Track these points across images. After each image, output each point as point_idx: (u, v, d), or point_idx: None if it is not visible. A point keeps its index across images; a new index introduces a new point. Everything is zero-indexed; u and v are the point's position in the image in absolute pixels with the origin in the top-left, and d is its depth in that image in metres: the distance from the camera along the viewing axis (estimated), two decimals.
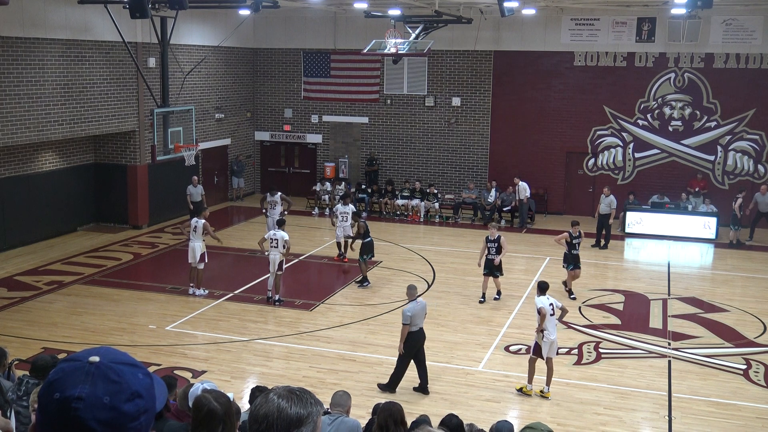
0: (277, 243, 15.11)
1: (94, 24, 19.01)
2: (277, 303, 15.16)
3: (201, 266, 15.62)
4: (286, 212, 19.37)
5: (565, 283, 16.35)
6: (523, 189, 22.32)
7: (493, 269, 15.48)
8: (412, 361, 11.08)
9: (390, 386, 11.06)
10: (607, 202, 20.14)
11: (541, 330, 11.07)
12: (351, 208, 18.60)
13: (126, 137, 21.07)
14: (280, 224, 15.87)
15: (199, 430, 4.11)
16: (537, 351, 11.18)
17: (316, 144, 26.51)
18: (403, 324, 10.89)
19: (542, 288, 11.49)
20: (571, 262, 16.02)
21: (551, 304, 11.18)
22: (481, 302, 15.46)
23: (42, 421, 1.69)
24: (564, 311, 11.86)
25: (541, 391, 11.17)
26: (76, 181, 20.75)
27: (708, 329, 14.19)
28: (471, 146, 24.85)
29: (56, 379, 1.69)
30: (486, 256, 15.54)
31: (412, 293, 11.15)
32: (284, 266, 15.46)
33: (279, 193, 19.54)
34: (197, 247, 15.53)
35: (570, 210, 24.13)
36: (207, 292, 15.76)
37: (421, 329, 11.06)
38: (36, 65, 17.62)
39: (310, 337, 13.44)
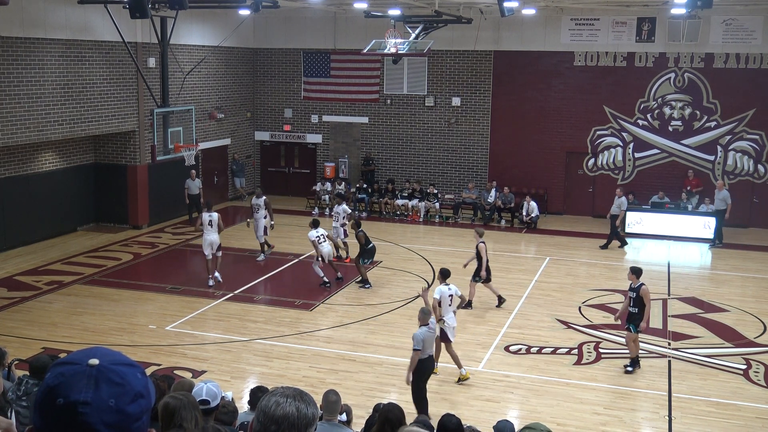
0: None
1: (94, 24, 19.00)
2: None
3: (219, 253, 16.35)
4: (272, 222, 19.01)
5: None
6: (534, 208, 22.46)
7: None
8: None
9: (421, 411, 9.85)
10: (617, 204, 20.19)
11: (440, 318, 11.40)
12: (344, 208, 18.46)
13: (126, 137, 21.06)
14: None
15: (166, 429, 4.33)
16: (445, 338, 11.54)
17: (316, 144, 26.50)
18: (414, 349, 9.77)
19: (444, 275, 11.81)
20: None
21: (450, 296, 11.60)
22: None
23: (43, 427, 1.66)
24: (463, 300, 12.26)
25: (460, 377, 11.48)
26: (76, 181, 20.74)
27: (708, 329, 14.19)
28: (471, 146, 24.84)
29: (57, 384, 1.65)
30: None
31: (424, 318, 10.06)
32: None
33: (264, 197, 18.67)
34: (216, 239, 16.17)
35: (570, 210, 24.16)
36: (220, 276, 16.40)
37: (431, 356, 10.21)
38: (36, 65, 17.61)
39: (310, 337, 13.44)
